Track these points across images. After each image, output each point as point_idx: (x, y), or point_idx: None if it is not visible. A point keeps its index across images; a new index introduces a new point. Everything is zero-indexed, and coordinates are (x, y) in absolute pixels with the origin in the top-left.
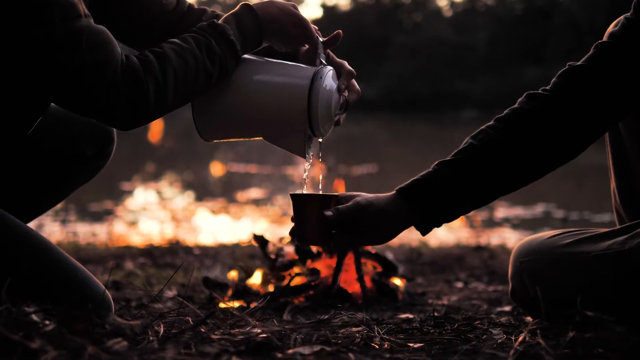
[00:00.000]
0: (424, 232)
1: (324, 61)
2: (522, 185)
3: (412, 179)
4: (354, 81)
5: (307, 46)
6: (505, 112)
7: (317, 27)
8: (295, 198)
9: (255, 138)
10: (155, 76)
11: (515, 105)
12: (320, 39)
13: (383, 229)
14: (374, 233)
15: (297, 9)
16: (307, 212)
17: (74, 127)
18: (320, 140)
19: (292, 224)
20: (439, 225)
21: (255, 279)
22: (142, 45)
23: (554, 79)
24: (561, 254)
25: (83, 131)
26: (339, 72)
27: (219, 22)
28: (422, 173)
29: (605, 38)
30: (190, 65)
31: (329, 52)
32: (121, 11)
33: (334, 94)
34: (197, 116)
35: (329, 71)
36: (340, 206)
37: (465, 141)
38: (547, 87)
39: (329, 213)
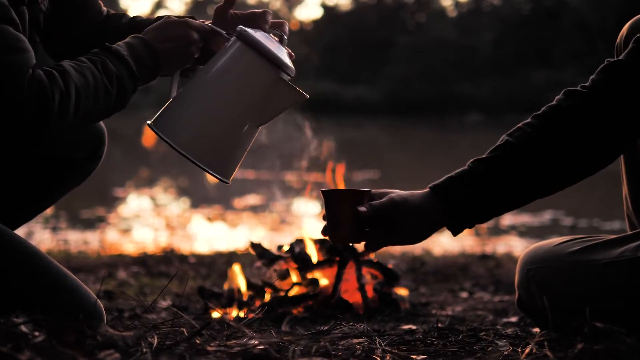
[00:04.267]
0: (455, 232)
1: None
2: (558, 188)
3: (446, 176)
4: (269, 18)
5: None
6: (542, 109)
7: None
8: (328, 194)
9: (258, 129)
10: (60, 88)
11: (553, 103)
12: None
13: (416, 227)
14: (407, 232)
15: (189, 28)
16: (340, 208)
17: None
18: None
19: (324, 223)
20: (470, 226)
21: (253, 289)
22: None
23: (592, 76)
24: (570, 261)
25: (73, 133)
26: (254, 19)
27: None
28: (456, 170)
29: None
30: (90, 81)
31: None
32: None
33: (262, 34)
34: (211, 166)
35: (243, 28)
36: (374, 202)
37: (501, 138)
38: (586, 84)
39: (362, 209)
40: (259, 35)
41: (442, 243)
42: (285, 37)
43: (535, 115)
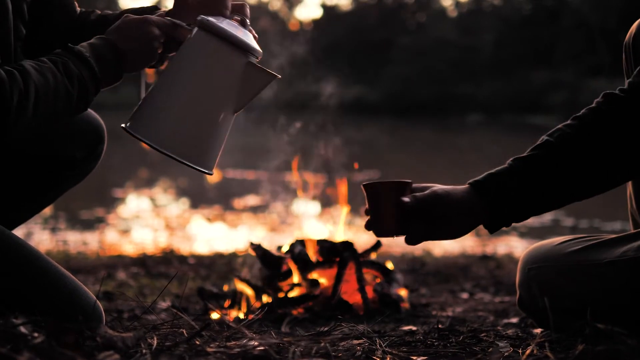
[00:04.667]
0: (492, 229)
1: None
2: (596, 191)
3: (486, 173)
4: (228, 2)
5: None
6: (582, 111)
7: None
8: (370, 187)
9: (234, 116)
10: (19, 88)
11: (593, 105)
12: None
13: (456, 222)
14: (448, 227)
15: (150, 25)
16: (383, 200)
17: (63, 128)
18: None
19: (367, 217)
20: (508, 225)
21: (253, 290)
22: None
23: (630, 79)
24: (571, 260)
25: (72, 132)
26: (215, 4)
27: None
28: (497, 167)
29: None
30: (50, 82)
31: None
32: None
33: (223, 20)
34: (193, 159)
35: (204, 17)
36: (417, 194)
37: (541, 138)
38: (624, 87)
39: (406, 199)
40: (220, 21)
41: (443, 244)
42: (247, 20)
43: (575, 117)
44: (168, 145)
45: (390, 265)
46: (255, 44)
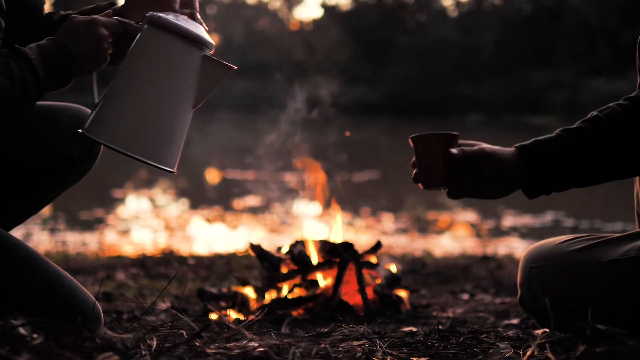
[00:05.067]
0: (531, 195)
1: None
2: (637, 172)
3: (533, 139)
4: None
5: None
6: (634, 92)
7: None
8: (419, 139)
9: (192, 111)
10: None
11: None
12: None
13: (499, 182)
14: (491, 185)
15: (98, 26)
16: (432, 151)
17: (60, 127)
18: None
19: (414, 170)
20: (547, 193)
21: (252, 290)
22: None
23: None
24: (573, 259)
25: (69, 130)
26: (165, 1)
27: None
28: (544, 135)
29: None
30: None
31: None
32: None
33: (173, 14)
34: (155, 158)
35: (153, 13)
36: (465, 147)
37: (590, 113)
38: None
39: (454, 151)
40: (170, 16)
41: (443, 244)
42: (197, 13)
43: (627, 97)
44: (128, 145)
45: (390, 266)
46: (207, 36)
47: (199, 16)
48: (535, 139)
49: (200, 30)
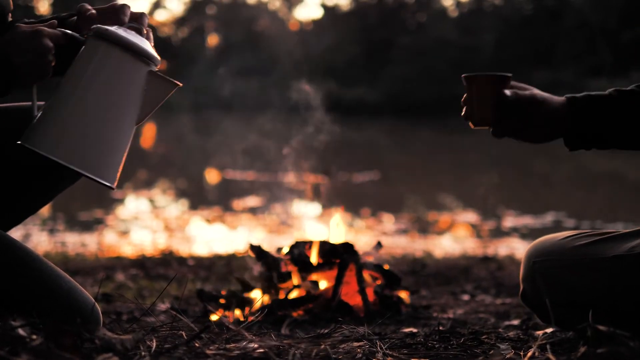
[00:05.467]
0: (573, 147)
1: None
2: None
3: (585, 92)
4: (127, 11)
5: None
6: None
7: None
8: (473, 78)
9: (134, 127)
10: None
11: None
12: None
13: (544, 129)
14: (537, 129)
15: (41, 37)
16: (485, 91)
17: None
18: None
19: (464, 108)
20: (588, 147)
21: (252, 291)
22: None
23: None
24: (577, 254)
25: None
26: (114, 13)
27: None
28: (596, 92)
29: None
30: None
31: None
32: None
33: (120, 28)
34: (94, 172)
35: (99, 26)
36: (518, 91)
37: None
38: None
39: (507, 92)
40: (117, 30)
41: (443, 245)
42: (144, 29)
43: None
44: (67, 157)
45: (390, 267)
46: (153, 52)
47: (149, 32)
48: (587, 92)
49: (146, 45)
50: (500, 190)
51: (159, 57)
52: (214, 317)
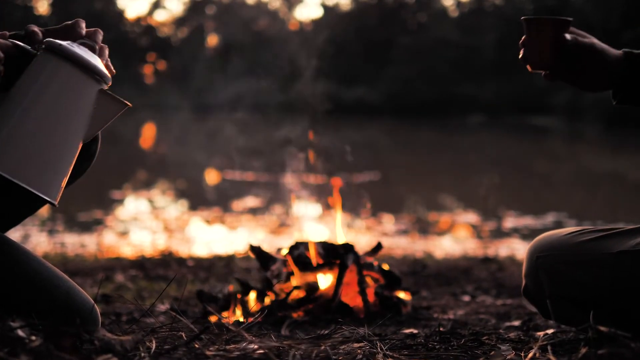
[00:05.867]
0: (621, 100)
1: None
2: None
3: None
4: (82, 27)
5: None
6: None
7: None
8: (533, 21)
9: (80, 144)
10: None
11: None
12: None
13: (598, 78)
14: (590, 79)
15: None
16: (545, 34)
17: None
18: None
19: (522, 51)
20: (636, 103)
21: (252, 292)
22: None
23: None
24: (581, 249)
25: None
26: (67, 30)
27: None
28: None
29: None
30: None
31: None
32: None
33: (72, 43)
34: (37, 187)
35: (51, 40)
36: (578, 37)
37: None
38: None
39: (568, 36)
40: (69, 45)
41: (444, 246)
42: (97, 46)
43: None
44: (9, 170)
45: (391, 268)
46: (105, 70)
47: (103, 49)
48: None
49: (98, 62)
50: (500, 190)
51: (109, 76)
52: (213, 318)
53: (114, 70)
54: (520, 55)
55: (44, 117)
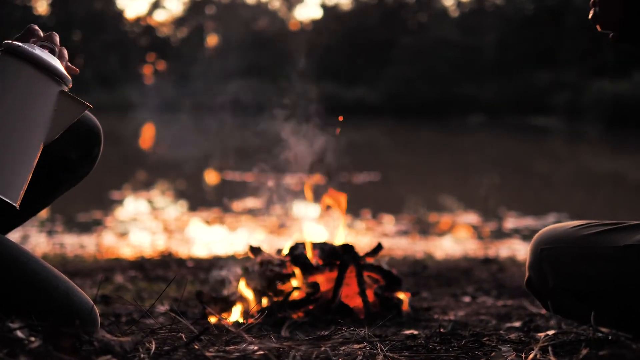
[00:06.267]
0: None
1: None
2: None
3: None
4: (37, 30)
5: None
6: None
7: None
8: None
9: (41, 146)
10: None
11: None
12: None
13: None
14: None
15: None
16: None
17: None
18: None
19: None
20: None
21: (252, 293)
22: None
23: None
24: (586, 242)
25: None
26: (24, 35)
27: None
28: None
29: None
30: None
31: None
32: None
33: (32, 45)
34: None
35: (9, 41)
36: None
37: None
38: None
39: None
40: (28, 47)
41: (444, 246)
42: (56, 48)
43: None
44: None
45: (391, 268)
46: (65, 72)
47: (62, 51)
48: None
49: (58, 64)
50: (501, 191)
51: (70, 78)
52: (213, 319)
53: (76, 70)
54: (589, 15)
55: (4, 120)
